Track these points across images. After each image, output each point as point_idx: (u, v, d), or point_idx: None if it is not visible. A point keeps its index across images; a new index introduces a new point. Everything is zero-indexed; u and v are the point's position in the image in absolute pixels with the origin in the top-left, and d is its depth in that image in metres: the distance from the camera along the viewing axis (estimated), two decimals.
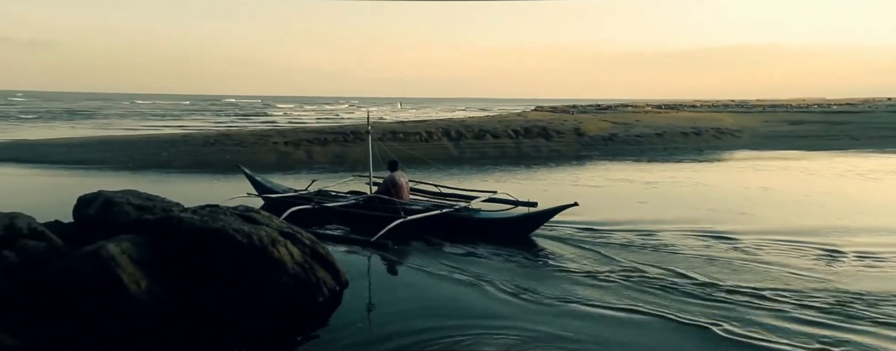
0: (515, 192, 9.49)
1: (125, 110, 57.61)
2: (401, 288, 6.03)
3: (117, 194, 6.24)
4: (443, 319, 5.08)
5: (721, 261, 6.91)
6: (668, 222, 8.98)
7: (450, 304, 5.47)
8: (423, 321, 5.02)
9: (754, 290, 5.84)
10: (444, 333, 4.78)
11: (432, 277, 6.27)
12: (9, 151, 18.02)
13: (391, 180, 9.14)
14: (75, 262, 4.65)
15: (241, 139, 19.60)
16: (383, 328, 4.92)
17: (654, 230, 8.38)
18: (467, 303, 5.50)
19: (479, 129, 22.36)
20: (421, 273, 6.43)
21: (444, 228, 8.32)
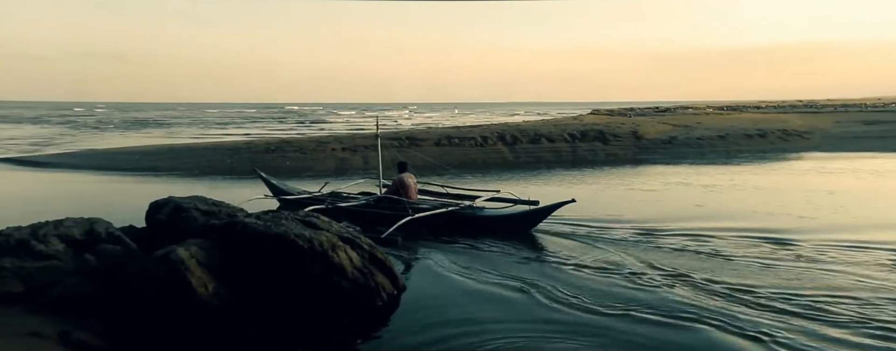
0: (566, 195, 9.43)
1: (194, 119, 60.03)
2: (458, 293, 6.03)
3: (186, 200, 6.50)
4: (500, 324, 5.08)
5: (778, 267, 6.69)
6: (723, 226, 8.75)
7: (506, 308, 5.47)
8: (481, 326, 5.03)
9: (812, 297, 5.60)
10: (501, 336, 4.79)
11: (487, 283, 6.26)
12: (87, 159, 19.06)
13: (400, 181, 9.55)
14: (149, 265, 4.88)
15: (300, 146, 20.10)
16: (442, 333, 4.95)
17: (709, 235, 8.19)
18: (523, 308, 5.47)
19: (534, 133, 22.21)
20: (476, 278, 6.43)
21: (450, 225, 8.74)
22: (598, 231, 8.54)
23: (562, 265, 6.93)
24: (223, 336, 4.72)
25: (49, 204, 11.47)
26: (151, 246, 5.63)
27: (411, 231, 8.19)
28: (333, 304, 5.10)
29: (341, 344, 4.85)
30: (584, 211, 10.11)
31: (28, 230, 5.33)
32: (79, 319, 4.58)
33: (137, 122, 51.54)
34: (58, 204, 11.27)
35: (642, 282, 6.19)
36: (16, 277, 4.76)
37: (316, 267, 5.01)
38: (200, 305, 4.73)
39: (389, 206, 9.16)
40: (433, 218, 8.64)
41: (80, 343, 4.28)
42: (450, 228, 8.68)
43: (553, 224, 9.06)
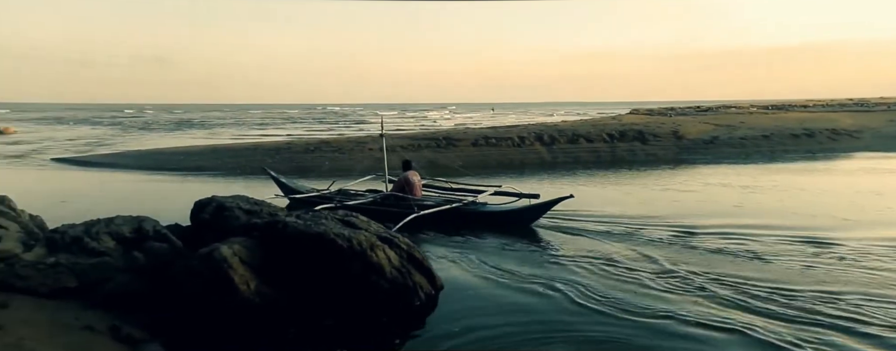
0: (603, 195, 9.41)
1: (236, 120, 61.39)
2: (496, 294, 6.02)
3: (228, 199, 6.66)
4: (537, 325, 5.07)
5: (817, 269, 6.56)
6: (761, 227, 8.60)
7: (544, 310, 5.45)
8: (519, 327, 5.03)
9: (852, 301, 5.46)
10: (539, 338, 4.78)
11: (523, 282, 6.24)
12: (135, 160, 19.68)
13: (405, 179, 9.90)
14: (193, 263, 5.02)
15: (339, 146, 20.35)
16: (479, 333, 4.96)
17: (746, 235, 8.09)
18: (559, 310, 5.44)
19: (572, 133, 22.01)
20: (511, 278, 6.42)
21: (455, 220, 8.97)
22: (633, 230, 8.58)
23: (595, 265, 6.89)
24: (264, 334, 4.83)
25: (100, 202, 11.89)
26: (196, 244, 5.78)
27: (417, 227, 8.45)
28: (372, 303, 5.16)
29: (380, 344, 4.90)
30: (621, 210, 10.14)
31: (82, 228, 5.54)
32: (128, 315, 4.74)
33: (182, 124, 52.95)
34: (108, 202, 11.67)
35: (675, 284, 6.11)
36: (71, 272, 4.95)
37: (355, 266, 5.08)
38: (243, 303, 4.84)
39: (396, 203, 9.45)
40: (438, 214, 8.94)
41: (130, 338, 4.43)
42: (454, 224, 8.90)
43: (588, 222, 9.13)
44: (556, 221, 9.43)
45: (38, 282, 4.82)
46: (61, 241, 5.34)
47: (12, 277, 4.74)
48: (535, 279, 6.33)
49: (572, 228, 8.84)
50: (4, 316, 4.12)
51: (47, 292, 4.82)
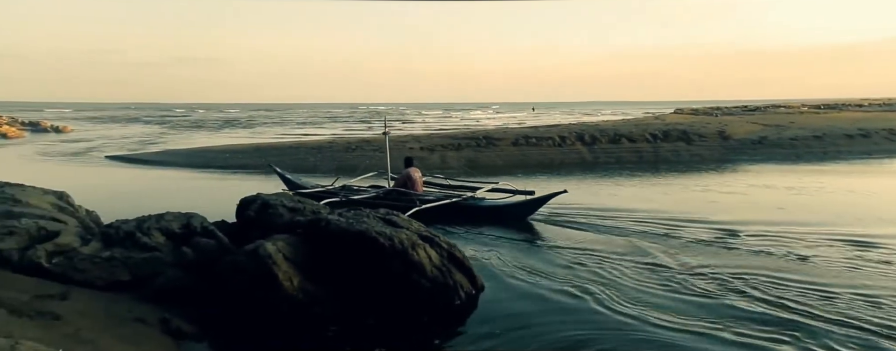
0: (644, 196, 9.35)
1: (282, 119, 62.61)
2: (535, 294, 5.98)
3: (272, 197, 6.80)
4: (576, 327, 5.03)
5: (859, 271, 6.40)
6: (807, 229, 8.48)
7: (582, 312, 5.39)
8: (558, 329, 4.99)
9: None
10: (579, 341, 4.74)
11: (563, 284, 6.19)
12: (184, 157, 20.27)
13: (407, 175, 10.27)
14: (239, 259, 5.14)
15: (379, 145, 20.53)
16: (520, 334, 4.94)
17: (789, 237, 8.00)
18: (597, 313, 5.38)
19: (614, 133, 21.71)
20: (552, 279, 6.37)
21: (454, 215, 9.21)
22: (671, 230, 8.57)
23: (633, 266, 6.82)
24: (306, 331, 4.90)
25: (151, 199, 12.29)
26: (241, 240, 5.92)
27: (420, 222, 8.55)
28: (413, 302, 5.19)
29: (420, 343, 4.92)
30: (660, 210, 10.09)
31: (134, 223, 5.74)
32: (177, 308, 4.89)
33: (228, 123, 54.26)
34: (158, 199, 12.07)
35: (710, 286, 6.04)
36: (124, 266, 5.14)
37: (396, 264, 5.12)
38: (286, 299, 4.93)
39: (398, 197, 9.77)
40: (438, 208, 9.26)
41: (179, 331, 4.57)
42: (454, 218, 9.20)
43: (627, 222, 9.11)
44: (594, 219, 9.44)
45: (95, 275, 5.02)
46: (115, 236, 5.55)
47: (71, 270, 4.95)
48: (572, 280, 6.28)
49: (611, 227, 8.84)
50: (64, 307, 4.30)
51: (103, 285, 5.02)
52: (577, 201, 11.22)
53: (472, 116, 64.72)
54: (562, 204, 10.56)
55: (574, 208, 10.43)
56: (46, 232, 5.28)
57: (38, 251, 4.97)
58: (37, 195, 6.87)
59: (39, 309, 4.15)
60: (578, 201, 11.25)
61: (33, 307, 4.13)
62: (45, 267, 4.91)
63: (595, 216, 9.64)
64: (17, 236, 5.06)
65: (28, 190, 6.99)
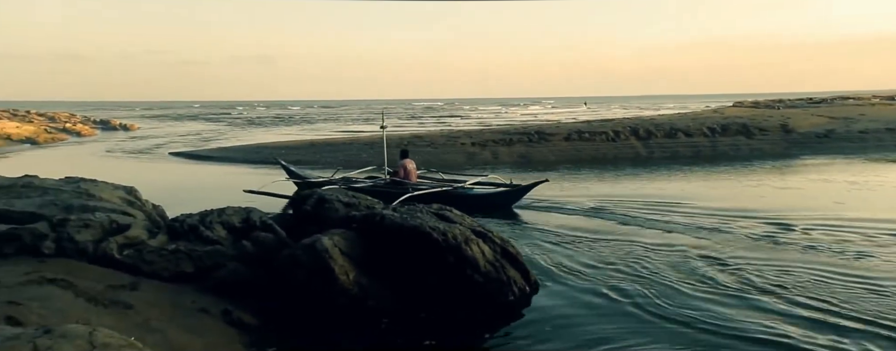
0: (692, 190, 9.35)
1: (335, 115, 63.78)
2: (589, 291, 5.94)
3: (328, 192, 6.94)
4: (628, 325, 4.96)
5: None
6: (864, 225, 8.29)
7: (633, 313, 5.31)
8: (612, 330, 4.93)
9: None
10: (632, 344, 4.68)
11: (617, 280, 6.11)
12: (242, 154, 20.90)
13: (402, 166, 11.17)
14: (297, 253, 5.27)
15: (431, 140, 20.66)
16: (572, 331, 4.91)
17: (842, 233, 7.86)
18: (649, 314, 5.29)
19: (670, 127, 21.18)
20: (606, 276, 6.30)
21: (445, 203, 9.48)
22: (723, 224, 8.56)
23: (687, 262, 6.73)
24: (360, 323, 4.99)
25: (212, 193, 12.74)
26: (298, 234, 6.06)
27: None
28: (465, 297, 5.21)
29: (471, 339, 4.94)
30: (715, 205, 10.08)
31: (197, 217, 5.95)
32: (238, 300, 5.05)
33: (284, 120, 55.63)
34: (218, 193, 12.47)
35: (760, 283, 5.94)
36: (188, 258, 5.34)
37: (449, 260, 5.14)
38: (342, 292, 5.03)
39: (393, 186, 10.69)
40: (430, 195, 9.85)
41: (240, 322, 4.73)
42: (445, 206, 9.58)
43: (679, 216, 9.18)
44: (649, 214, 9.42)
45: (162, 266, 5.24)
46: (180, 229, 5.77)
47: (140, 262, 5.18)
48: (626, 277, 6.20)
49: (666, 222, 8.83)
50: (134, 297, 4.51)
51: (168, 276, 5.23)
52: (628, 195, 11.16)
53: (529, 111, 64.39)
54: (610, 197, 10.55)
55: (625, 202, 10.36)
56: (118, 225, 5.53)
57: (110, 243, 5.22)
58: (108, 190, 7.22)
59: (112, 298, 4.36)
60: (629, 195, 11.17)
61: (107, 296, 4.35)
62: (117, 258, 5.15)
63: (652, 211, 9.65)
64: (92, 229, 5.32)
65: (100, 185, 7.34)
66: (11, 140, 27.26)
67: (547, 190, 10.87)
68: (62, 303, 4.00)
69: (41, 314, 3.69)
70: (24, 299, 3.83)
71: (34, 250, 5.00)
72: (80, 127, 36.38)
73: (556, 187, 12.79)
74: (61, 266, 4.80)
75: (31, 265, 4.69)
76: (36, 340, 2.68)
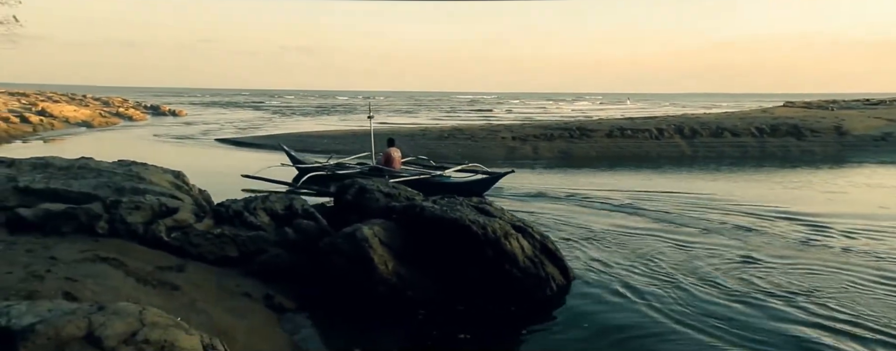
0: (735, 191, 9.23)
1: (378, 106, 64.37)
2: (626, 289, 5.83)
3: (369, 183, 7.00)
4: (665, 324, 4.88)
5: None
6: None
7: (678, 309, 5.22)
8: (649, 326, 4.86)
9: None
10: (672, 339, 4.61)
11: (656, 278, 6.00)
12: (284, 141, 21.23)
13: (387, 154, 11.90)
14: (337, 241, 5.35)
15: (472, 134, 20.62)
16: (608, 329, 4.84)
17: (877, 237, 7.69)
18: (687, 315, 5.18)
19: (716, 126, 20.66)
20: (645, 273, 6.20)
21: (422, 189, 10.17)
22: (768, 226, 8.42)
23: (727, 261, 6.63)
24: (398, 312, 5.03)
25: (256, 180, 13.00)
26: (339, 223, 6.15)
27: None
28: (503, 291, 5.21)
29: (507, 333, 4.93)
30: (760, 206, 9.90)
31: (242, 203, 6.09)
32: (280, 286, 5.17)
33: (327, 109, 56.38)
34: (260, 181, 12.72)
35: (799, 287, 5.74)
36: (233, 243, 5.48)
37: (488, 253, 5.15)
38: (381, 281, 5.09)
39: (374, 173, 11.34)
40: (408, 183, 10.41)
41: (281, 306, 4.84)
42: (421, 191, 9.91)
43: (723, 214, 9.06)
44: (689, 212, 9.34)
45: (207, 250, 5.39)
46: (225, 214, 5.92)
47: (187, 245, 5.34)
48: (664, 276, 6.08)
49: (707, 221, 8.72)
50: (181, 278, 4.66)
51: (213, 259, 5.38)
52: (668, 192, 11.02)
53: (577, 107, 63.82)
54: (650, 194, 10.41)
55: (665, 199, 10.24)
56: (166, 208, 5.70)
57: (159, 226, 5.39)
58: (158, 174, 7.45)
59: (161, 279, 4.51)
60: (669, 192, 11.04)
61: (156, 277, 4.50)
62: (165, 240, 5.32)
63: (687, 208, 9.65)
64: (142, 211, 5.50)
65: (150, 168, 7.58)
66: (69, 123, 28.38)
67: (586, 185, 10.77)
68: (114, 281, 4.15)
69: (95, 291, 3.84)
70: (79, 276, 3.99)
71: (89, 230, 5.20)
72: (131, 111, 37.59)
73: (595, 183, 12.68)
74: (114, 246, 4.98)
75: (87, 244, 4.88)
76: (91, 316, 2.79)
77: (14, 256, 4.28)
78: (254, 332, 4.24)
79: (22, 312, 2.76)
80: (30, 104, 31.98)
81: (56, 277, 3.90)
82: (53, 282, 3.80)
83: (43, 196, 6.14)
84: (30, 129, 24.70)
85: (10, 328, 2.64)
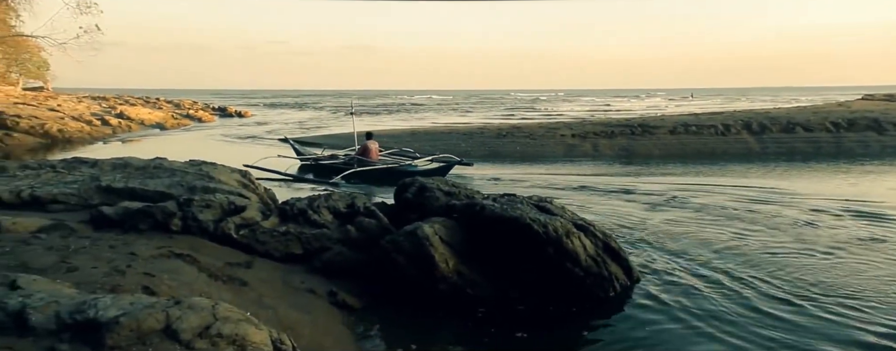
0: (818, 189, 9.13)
1: (437, 105, 64.84)
2: (692, 290, 5.65)
3: (429, 181, 7.05)
4: (732, 332, 4.72)
5: None
6: None
7: (746, 315, 5.03)
8: (713, 332, 4.70)
9: None
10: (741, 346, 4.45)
11: (728, 279, 5.79)
12: (345, 141, 21.63)
13: (364, 146, 13.65)
14: (399, 239, 5.41)
15: (530, 132, 20.46)
16: (671, 333, 4.72)
17: None
18: (762, 320, 5.00)
19: (787, 121, 19.77)
20: (716, 273, 6.00)
21: (386, 176, 12.25)
22: (840, 225, 8.02)
23: (800, 260, 6.39)
24: (458, 311, 5.05)
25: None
26: (399, 222, 6.22)
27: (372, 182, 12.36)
28: (563, 290, 5.15)
29: (565, 332, 4.87)
30: (832, 201, 9.52)
31: (306, 201, 6.25)
32: (342, 282, 5.28)
33: (387, 108, 57.18)
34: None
35: None
36: (297, 240, 5.63)
37: (549, 252, 5.10)
38: (442, 280, 5.12)
39: (349, 163, 13.28)
40: (374, 171, 12.81)
41: (344, 304, 4.93)
42: (387, 179, 11.98)
43: (793, 211, 8.77)
44: (758, 208, 9.06)
45: (273, 247, 5.56)
46: (290, 212, 6.08)
47: (254, 242, 5.52)
48: (731, 278, 5.84)
49: (781, 218, 8.39)
50: (249, 274, 4.83)
51: (279, 257, 5.54)
52: (734, 188, 10.69)
53: (650, 102, 62.51)
54: (717, 187, 10.11)
55: (731, 195, 9.93)
56: (235, 206, 5.92)
57: (228, 223, 5.59)
58: (226, 172, 7.74)
59: (230, 275, 4.68)
60: (735, 188, 10.71)
61: (226, 273, 4.68)
62: (234, 237, 5.52)
63: (756, 204, 9.36)
64: (212, 209, 5.73)
65: (219, 168, 7.90)
66: (144, 125, 29.88)
67: (647, 181, 10.51)
68: (187, 276, 4.34)
69: (170, 286, 4.02)
70: (156, 271, 4.20)
71: (164, 227, 5.46)
72: (201, 113, 39.18)
73: (657, 179, 12.38)
74: (187, 242, 5.21)
75: (162, 240, 5.13)
76: (168, 310, 2.94)
77: (99, 252, 4.53)
78: (318, 327, 4.35)
79: (107, 304, 2.92)
80: (109, 108, 33.87)
81: (135, 271, 4.11)
82: (133, 276, 4.01)
83: (122, 194, 6.49)
84: (109, 131, 26.13)
85: (98, 320, 2.81)
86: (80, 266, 4.13)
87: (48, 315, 2.87)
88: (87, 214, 5.81)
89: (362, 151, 13.54)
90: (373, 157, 13.43)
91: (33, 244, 4.63)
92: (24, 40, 33.36)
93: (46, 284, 3.36)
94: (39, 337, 2.76)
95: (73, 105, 32.14)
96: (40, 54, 39.38)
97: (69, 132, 23.18)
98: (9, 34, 33.39)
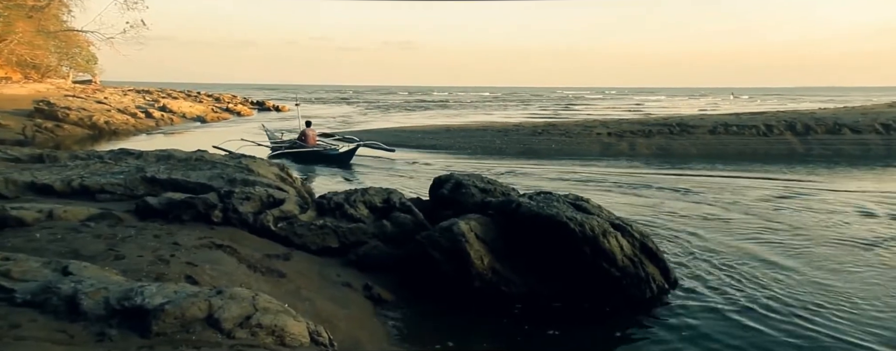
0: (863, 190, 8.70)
1: (473, 102, 64.84)
2: (731, 293, 5.54)
3: (465, 177, 7.05)
4: (780, 337, 4.61)
5: None
6: None
7: (791, 322, 4.91)
8: (753, 339, 4.61)
9: None
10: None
11: (766, 286, 5.66)
12: (381, 136, 21.76)
13: (303, 132, 15.69)
14: (434, 235, 5.44)
15: (566, 129, 20.26)
16: (708, 338, 4.63)
17: None
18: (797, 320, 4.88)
19: (833, 122, 19.14)
20: (753, 279, 5.87)
21: (312, 158, 14.92)
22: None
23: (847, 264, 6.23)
24: (494, 308, 5.05)
25: (354, 174, 13.47)
26: (434, 218, 6.25)
27: (306, 162, 14.71)
28: (599, 290, 5.10)
29: (599, 332, 4.83)
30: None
31: (343, 196, 6.32)
32: (378, 276, 5.33)
33: (422, 104, 57.40)
34: (361, 175, 13.15)
35: None
36: (334, 234, 5.71)
37: (585, 251, 5.06)
38: (477, 276, 5.13)
39: (289, 146, 15.45)
40: (301, 153, 15.08)
41: (379, 297, 4.98)
42: (310, 159, 14.85)
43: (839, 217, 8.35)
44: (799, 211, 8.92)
45: (310, 240, 5.64)
46: (327, 206, 6.17)
47: (292, 235, 5.61)
48: (771, 281, 5.72)
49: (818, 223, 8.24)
50: (287, 266, 4.91)
51: (316, 249, 5.62)
52: (774, 189, 10.44)
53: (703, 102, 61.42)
54: (760, 189, 9.88)
55: (769, 198, 9.70)
56: (273, 199, 6.02)
57: (267, 216, 5.70)
58: (264, 166, 7.88)
59: (269, 266, 4.78)
60: (775, 190, 10.47)
61: (264, 265, 4.77)
62: (273, 230, 5.62)
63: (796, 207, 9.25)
64: (252, 202, 5.85)
65: (258, 161, 8.04)
66: (186, 118, 30.64)
67: (686, 181, 10.31)
68: (228, 267, 4.44)
69: (212, 276, 4.12)
70: (199, 261, 4.31)
71: (206, 218, 5.59)
72: (240, 107, 39.95)
73: (697, 179, 12.15)
74: (227, 234, 5.33)
75: (204, 231, 5.25)
76: (211, 300, 3.01)
77: (144, 241, 4.67)
78: (354, 320, 4.40)
79: (153, 292, 3.01)
80: (153, 101, 34.81)
81: (179, 261, 4.23)
82: (177, 266, 4.12)
83: (166, 186, 6.67)
84: (153, 124, 26.86)
85: (144, 307, 2.90)
86: (126, 254, 4.27)
87: (98, 301, 2.98)
88: (132, 204, 5.99)
89: (300, 137, 15.67)
90: (310, 142, 15.54)
91: (83, 232, 4.80)
92: (74, 35, 34.56)
93: (96, 270, 3.48)
94: (90, 322, 2.86)
95: (119, 98, 33.16)
96: (89, 49, 40.73)
97: (115, 124, 23.91)
98: (60, 29, 34.58)
